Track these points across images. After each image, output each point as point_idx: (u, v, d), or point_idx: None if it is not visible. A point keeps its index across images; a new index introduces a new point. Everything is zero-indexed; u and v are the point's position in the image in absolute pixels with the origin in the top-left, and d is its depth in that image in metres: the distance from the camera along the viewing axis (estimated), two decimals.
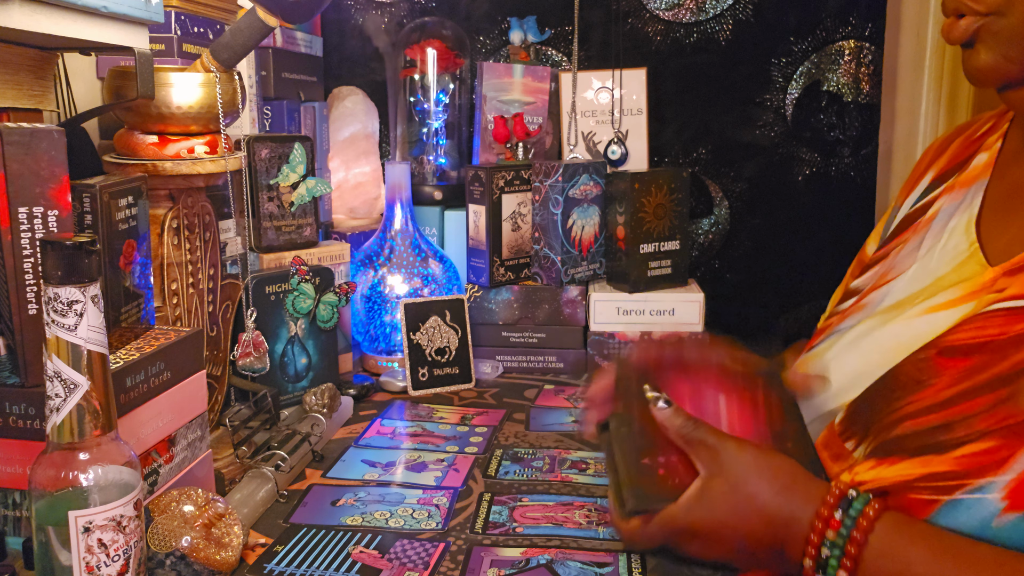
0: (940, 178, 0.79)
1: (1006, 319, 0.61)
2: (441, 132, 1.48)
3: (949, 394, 0.61)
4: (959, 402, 0.60)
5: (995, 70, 0.66)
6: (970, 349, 0.62)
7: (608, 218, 1.37)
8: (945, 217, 0.73)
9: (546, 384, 1.29)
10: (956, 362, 0.62)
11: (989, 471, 0.56)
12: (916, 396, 0.63)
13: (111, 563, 0.59)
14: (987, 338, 0.61)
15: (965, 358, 0.62)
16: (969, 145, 0.78)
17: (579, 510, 0.87)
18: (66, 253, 0.56)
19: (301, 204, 1.22)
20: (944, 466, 0.58)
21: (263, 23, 0.87)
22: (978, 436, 0.58)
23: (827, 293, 0.90)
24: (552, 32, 1.50)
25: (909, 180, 0.85)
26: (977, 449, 0.57)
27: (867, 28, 1.46)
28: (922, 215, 0.78)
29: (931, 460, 0.59)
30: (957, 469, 0.58)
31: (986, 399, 0.59)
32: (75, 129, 0.91)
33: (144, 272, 0.83)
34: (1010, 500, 0.55)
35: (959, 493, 0.57)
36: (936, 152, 0.83)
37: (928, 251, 0.73)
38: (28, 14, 0.71)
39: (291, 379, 1.17)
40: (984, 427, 0.58)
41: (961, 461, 0.58)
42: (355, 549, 0.80)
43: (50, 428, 0.58)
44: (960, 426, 0.59)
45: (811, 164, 1.51)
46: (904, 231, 0.79)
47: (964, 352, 0.62)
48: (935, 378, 0.63)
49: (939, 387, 0.62)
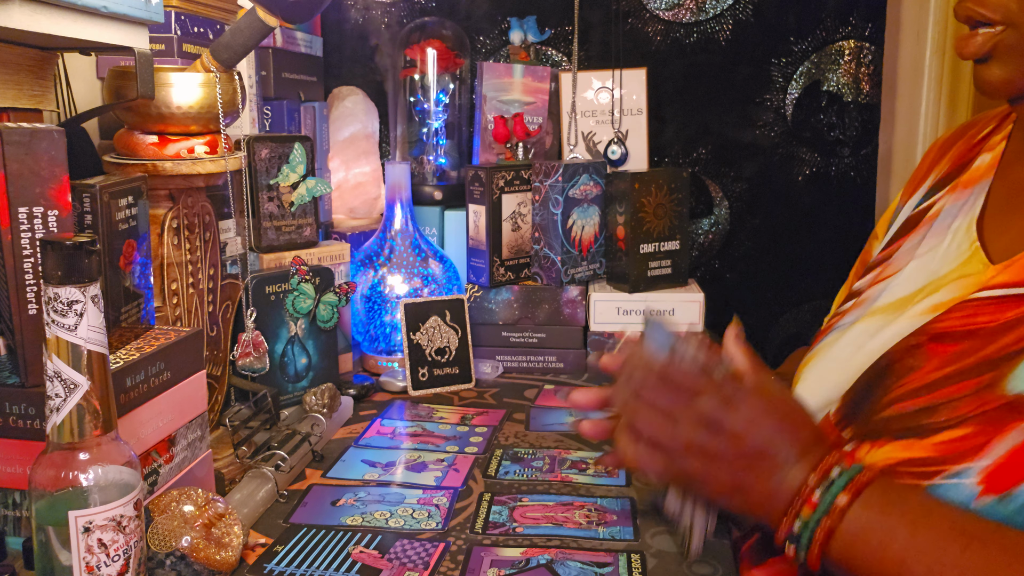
0: (943, 179, 0.79)
1: (997, 306, 0.62)
2: (441, 132, 1.48)
3: (935, 376, 0.62)
4: (944, 385, 0.61)
5: (1008, 84, 0.66)
6: (961, 336, 0.62)
7: (608, 218, 1.37)
8: (948, 217, 0.73)
9: (546, 384, 1.29)
10: (946, 347, 0.63)
11: (966, 457, 0.57)
12: (906, 380, 0.64)
13: (111, 563, 0.59)
14: (978, 325, 0.62)
15: (955, 344, 0.63)
16: (972, 147, 0.78)
17: (579, 510, 0.87)
18: (66, 253, 0.56)
19: (301, 204, 1.22)
20: (924, 451, 0.59)
21: (263, 23, 0.87)
22: (958, 421, 0.58)
23: (827, 293, 0.90)
24: (552, 32, 1.50)
25: (911, 181, 0.85)
26: (956, 435, 0.58)
27: (867, 28, 1.46)
28: (924, 216, 0.77)
29: (913, 444, 0.60)
30: (936, 455, 0.58)
31: (970, 383, 0.60)
32: (75, 129, 0.91)
33: (144, 272, 0.83)
34: (986, 484, 0.56)
35: (938, 479, 0.58)
36: (938, 153, 0.83)
37: (930, 250, 0.73)
38: (28, 14, 0.71)
39: (291, 379, 1.17)
40: (965, 412, 0.59)
41: (940, 447, 0.59)
42: (355, 549, 0.80)
43: (50, 428, 0.58)
44: (944, 409, 0.60)
45: (811, 164, 1.51)
46: (906, 233, 0.78)
47: (955, 338, 0.63)
48: (925, 363, 0.63)
49: (927, 370, 0.63)
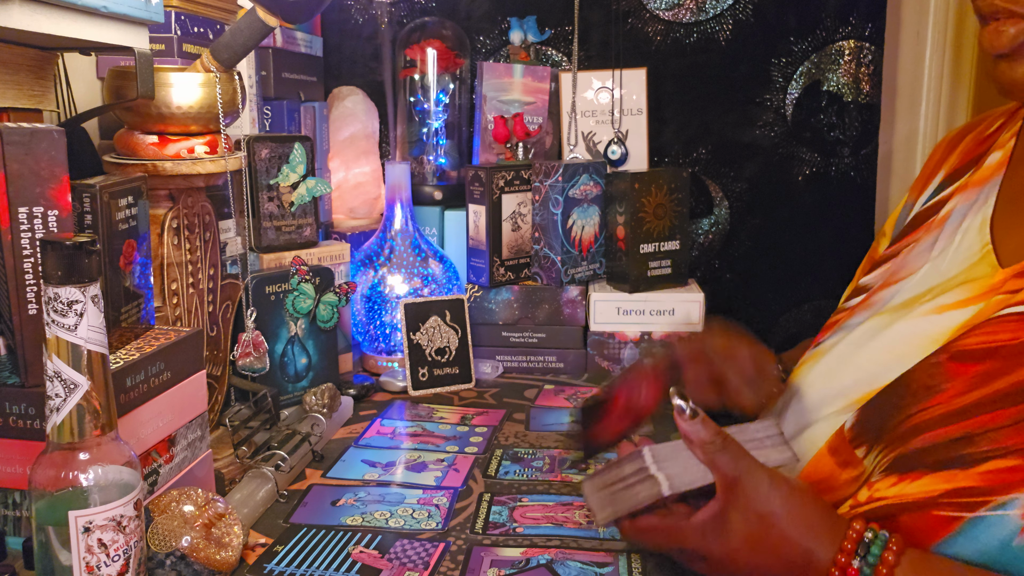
0: (952, 176, 0.77)
1: (1018, 323, 0.60)
2: (441, 132, 1.48)
3: (964, 403, 0.59)
4: (978, 413, 0.58)
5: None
6: (982, 354, 0.60)
7: (608, 218, 1.37)
8: (958, 217, 0.72)
9: (546, 384, 1.29)
10: (967, 367, 0.61)
11: (1015, 488, 0.55)
12: (929, 403, 0.61)
13: (111, 563, 0.59)
14: (999, 343, 0.60)
15: (977, 363, 0.60)
16: (981, 143, 0.77)
17: (579, 510, 0.87)
18: (66, 253, 0.56)
19: (301, 204, 1.22)
20: (969, 481, 0.56)
21: (263, 23, 0.87)
22: (1003, 452, 0.56)
23: (827, 293, 0.90)
24: (552, 32, 1.50)
25: (920, 178, 0.84)
26: (1003, 466, 0.56)
27: (867, 28, 1.46)
28: (934, 214, 0.76)
29: (955, 475, 0.57)
30: (982, 485, 0.56)
31: (1009, 412, 0.57)
32: (75, 129, 0.91)
33: (144, 272, 0.83)
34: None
35: (983, 510, 0.55)
36: (947, 149, 0.82)
37: (941, 251, 0.71)
38: (28, 14, 0.71)
39: (291, 379, 1.17)
40: (1011, 443, 0.56)
41: (987, 476, 0.56)
42: (355, 549, 0.80)
43: (50, 428, 0.58)
44: (983, 439, 0.57)
45: (811, 164, 1.51)
46: (916, 229, 0.77)
47: (976, 357, 0.61)
48: (946, 383, 0.61)
49: (951, 393, 0.61)
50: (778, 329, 1.56)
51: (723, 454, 0.62)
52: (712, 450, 0.62)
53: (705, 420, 0.62)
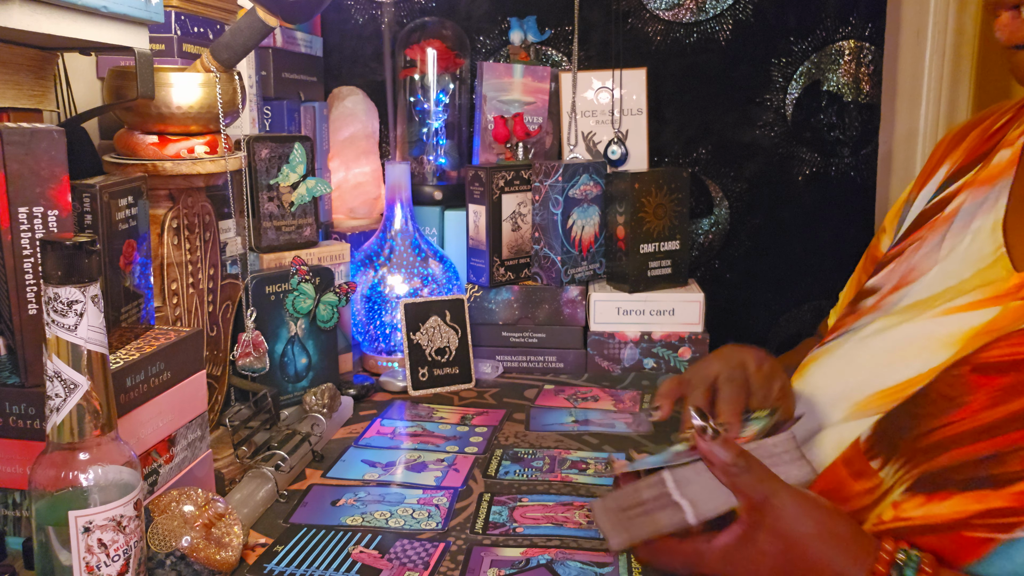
0: (958, 172, 0.75)
1: None
2: (441, 132, 1.48)
3: (991, 418, 0.58)
4: (1007, 430, 0.57)
5: None
6: (1006, 367, 0.59)
7: (608, 218, 1.37)
8: (967, 216, 0.70)
9: (546, 384, 1.29)
10: (991, 380, 0.59)
11: None
12: (952, 416, 0.59)
13: (111, 563, 0.59)
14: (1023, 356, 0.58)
15: (1001, 376, 0.59)
16: (988, 138, 0.75)
17: (579, 510, 0.87)
18: (66, 253, 0.56)
19: (301, 204, 1.22)
20: (1003, 501, 0.55)
21: (263, 23, 0.87)
22: None
23: (827, 293, 0.90)
24: (552, 32, 1.50)
25: (922, 174, 0.82)
26: None
27: (867, 28, 1.46)
28: (940, 211, 0.74)
29: (987, 495, 0.55)
30: (1016, 505, 0.54)
31: None
32: (75, 129, 0.91)
33: (144, 272, 0.83)
34: None
35: (1018, 531, 0.53)
36: (951, 143, 0.80)
37: (950, 252, 0.70)
38: (28, 14, 0.71)
39: (291, 379, 1.17)
40: None
41: (1019, 497, 0.54)
42: (355, 549, 0.80)
43: (50, 428, 0.58)
44: (1013, 459, 0.55)
45: (811, 164, 1.51)
46: (920, 227, 0.76)
47: (999, 370, 0.59)
48: (968, 396, 0.59)
49: (975, 407, 0.59)
50: (778, 329, 1.56)
51: (747, 475, 0.59)
52: (735, 472, 0.59)
53: (727, 440, 0.60)
